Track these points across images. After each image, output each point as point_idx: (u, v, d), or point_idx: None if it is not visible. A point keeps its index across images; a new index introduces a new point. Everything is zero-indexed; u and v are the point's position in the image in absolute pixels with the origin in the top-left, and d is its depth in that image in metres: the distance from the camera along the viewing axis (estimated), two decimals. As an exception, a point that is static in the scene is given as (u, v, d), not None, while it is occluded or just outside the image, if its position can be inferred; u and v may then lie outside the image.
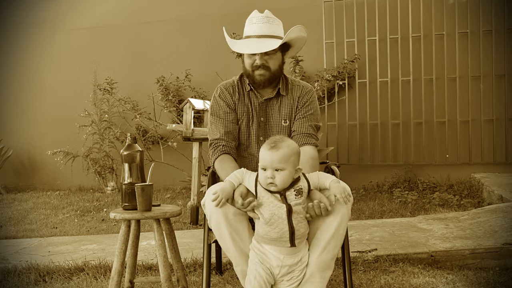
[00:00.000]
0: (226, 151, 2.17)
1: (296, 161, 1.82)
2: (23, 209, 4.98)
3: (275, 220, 1.79)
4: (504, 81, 5.00)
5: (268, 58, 2.19)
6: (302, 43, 2.30)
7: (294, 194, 1.81)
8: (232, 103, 2.27)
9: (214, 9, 5.68)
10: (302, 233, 1.83)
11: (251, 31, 2.20)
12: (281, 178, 1.77)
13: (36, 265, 2.84)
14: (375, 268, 2.65)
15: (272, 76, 2.21)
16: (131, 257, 2.19)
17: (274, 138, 1.83)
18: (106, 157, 5.89)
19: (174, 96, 5.64)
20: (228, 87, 2.30)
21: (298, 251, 1.83)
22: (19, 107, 6.55)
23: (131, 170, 2.10)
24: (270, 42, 2.14)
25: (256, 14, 2.23)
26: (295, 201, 1.80)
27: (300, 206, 1.82)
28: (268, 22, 2.19)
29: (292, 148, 1.81)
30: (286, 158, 1.78)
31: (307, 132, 2.24)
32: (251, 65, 2.20)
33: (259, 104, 2.28)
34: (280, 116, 2.28)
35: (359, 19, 5.28)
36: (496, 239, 2.82)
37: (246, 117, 2.27)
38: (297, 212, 1.80)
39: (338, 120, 5.35)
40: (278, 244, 1.81)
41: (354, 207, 4.25)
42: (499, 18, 4.97)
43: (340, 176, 2.16)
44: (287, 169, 1.78)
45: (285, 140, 1.83)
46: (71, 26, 6.35)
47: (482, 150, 5.05)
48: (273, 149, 1.78)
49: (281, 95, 2.29)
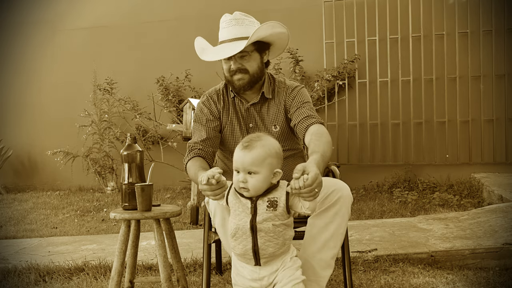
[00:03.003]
0: (200, 155, 2.11)
1: (275, 164, 1.61)
2: (23, 209, 4.98)
3: (240, 235, 1.62)
4: (504, 81, 5.00)
5: (244, 61, 2.08)
6: (283, 39, 2.17)
7: (266, 206, 1.60)
8: (216, 111, 2.22)
9: (214, 9, 5.67)
10: (270, 253, 1.61)
11: (222, 36, 2.12)
12: (254, 182, 1.57)
13: (36, 265, 2.84)
14: (375, 268, 2.65)
15: (251, 78, 2.11)
16: (131, 257, 2.19)
17: (250, 136, 1.65)
18: (106, 157, 5.89)
19: (174, 96, 5.64)
20: (213, 95, 2.25)
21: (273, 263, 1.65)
22: (19, 107, 6.55)
23: (131, 170, 2.10)
24: (239, 45, 2.03)
25: (225, 18, 2.13)
26: (265, 215, 1.59)
27: (270, 223, 1.59)
28: (237, 24, 2.08)
29: (269, 149, 1.60)
30: (260, 160, 1.57)
31: (305, 115, 2.10)
32: (228, 70, 2.11)
33: (245, 110, 2.21)
34: (270, 121, 2.20)
35: (359, 19, 5.27)
36: (496, 239, 2.82)
37: (232, 125, 2.21)
38: (264, 231, 1.59)
39: (338, 120, 5.35)
40: (244, 260, 1.66)
41: (354, 207, 4.25)
42: (499, 18, 4.97)
43: (340, 176, 2.17)
44: (261, 173, 1.57)
45: (263, 139, 1.63)
46: (71, 26, 6.35)
47: (482, 150, 5.05)
48: (245, 149, 1.59)
49: (267, 99, 2.20)
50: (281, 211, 1.60)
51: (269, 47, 2.19)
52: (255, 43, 2.07)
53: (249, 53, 2.08)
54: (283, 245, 1.63)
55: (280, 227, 1.61)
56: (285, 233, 1.63)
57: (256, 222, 1.59)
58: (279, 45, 2.20)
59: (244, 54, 2.07)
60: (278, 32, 2.11)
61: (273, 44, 2.19)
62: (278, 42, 2.18)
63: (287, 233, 1.64)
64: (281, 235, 1.62)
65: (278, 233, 1.61)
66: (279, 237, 1.61)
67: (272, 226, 1.59)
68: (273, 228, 1.59)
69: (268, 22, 2.05)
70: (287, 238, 1.64)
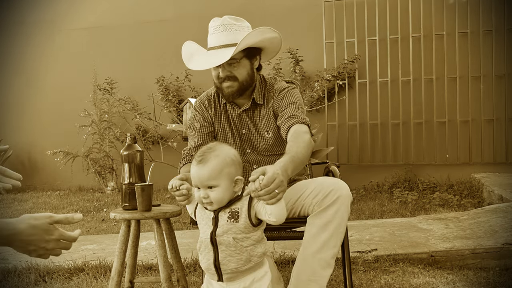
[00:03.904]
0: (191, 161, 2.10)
1: (233, 172, 1.53)
2: (23, 209, 4.97)
3: (203, 249, 1.57)
4: (504, 81, 5.00)
5: (233, 69, 2.01)
6: (275, 43, 2.10)
7: (227, 217, 1.52)
8: (208, 117, 2.18)
9: (214, 9, 5.67)
10: (233, 269, 1.52)
11: (210, 42, 2.04)
12: (215, 196, 1.51)
13: (36, 265, 2.83)
14: (375, 268, 2.65)
15: (241, 86, 2.04)
16: (131, 257, 2.19)
17: (203, 149, 1.58)
18: (106, 157, 5.89)
19: (174, 96, 5.65)
20: (204, 101, 2.21)
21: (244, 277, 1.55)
22: (19, 107, 6.55)
23: (131, 170, 2.10)
24: (227, 52, 1.94)
25: (213, 23, 2.04)
26: (226, 227, 1.51)
27: (230, 236, 1.51)
28: (225, 30, 2.00)
29: (224, 159, 1.53)
30: (217, 172, 1.50)
31: (288, 116, 2.01)
32: (217, 77, 2.04)
33: (237, 116, 2.16)
34: (262, 127, 2.14)
35: (359, 19, 5.27)
36: (496, 239, 2.82)
37: (224, 131, 2.17)
38: (224, 244, 1.51)
39: (338, 120, 5.35)
40: (209, 275, 1.59)
41: (354, 207, 4.25)
42: (499, 18, 4.96)
43: (340, 176, 2.16)
44: (220, 185, 1.50)
45: (216, 149, 1.56)
46: (71, 26, 6.35)
47: (482, 150, 5.05)
48: (200, 164, 1.52)
49: (258, 105, 2.12)
50: (243, 222, 1.52)
51: (260, 52, 2.12)
52: (244, 49, 2.00)
53: (238, 60, 2.01)
54: (248, 261, 1.52)
55: (243, 241, 1.52)
56: (251, 249, 1.53)
57: (215, 235, 1.52)
58: (271, 49, 2.14)
59: (232, 61, 2.00)
60: (269, 37, 2.04)
61: (265, 48, 2.12)
62: (270, 46, 2.11)
63: (255, 249, 1.54)
64: (245, 251, 1.52)
65: (241, 248, 1.51)
66: (242, 252, 1.51)
67: (233, 239, 1.51)
68: (234, 242, 1.51)
69: (257, 28, 1.99)
70: (253, 254, 1.53)
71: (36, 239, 1.23)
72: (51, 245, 1.26)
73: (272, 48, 2.13)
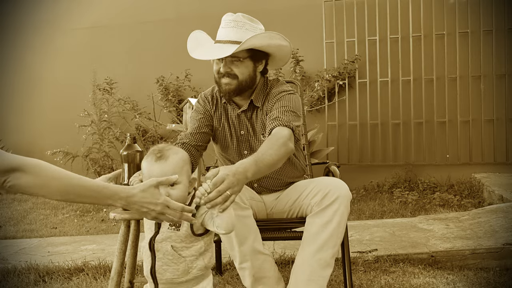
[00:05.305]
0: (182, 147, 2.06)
1: (190, 171, 1.51)
2: (23, 209, 4.97)
3: (144, 255, 1.52)
4: (504, 81, 4.99)
5: (234, 66, 2.00)
6: (285, 52, 2.06)
7: (169, 224, 1.46)
8: (209, 111, 2.20)
9: (214, 9, 5.67)
10: (168, 280, 1.45)
11: (219, 35, 2.04)
12: (178, 194, 1.43)
13: (35, 266, 2.83)
14: (375, 269, 2.64)
15: (239, 85, 2.02)
16: (130, 257, 2.18)
17: (157, 147, 1.53)
18: (106, 157, 5.89)
19: (174, 96, 5.64)
20: (208, 95, 2.23)
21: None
22: (19, 107, 6.54)
23: (130, 170, 2.09)
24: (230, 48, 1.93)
25: (226, 17, 2.05)
26: (166, 234, 1.46)
27: (169, 245, 1.44)
28: (235, 26, 1.98)
29: (182, 155, 1.50)
30: (180, 168, 1.45)
31: (273, 117, 1.96)
32: (218, 72, 2.04)
33: (236, 116, 2.16)
34: (259, 130, 2.13)
35: (359, 19, 5.27)
36: (497, 239, 2.82)
37: (223, 130, 2.17)
38: (162, 252, 1.45)
39: (338, 120, 5.35)
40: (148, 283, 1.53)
41: (354, 207, 4.25)
42: (499, 18, 4.96)
43: (340, 176, 2.16)
44: (183, 183, 1.45)
45: (172, 147, 1.52)
46: (71, 26, 6.34)
47: (482, 150, 5.04)
48: (160, 160, 1.46)
49: (256, 107, 2.12)
50: (184, 231, 1.45)
51: (267, 58, 2.10)
52: (250, 50, 1.99)
53: (241, 59, 2.00)
54: (185, 273, 1.45)
55: (182, 250, 1.45)
56: (190, 261, 1.46)
57: (154, 241, 1.47)
58: (280, 56, 2.11)
59: (235, 59, 1.99)
60: (277, 44, 2.03)
61: (272, 55, 2.10)
62: (278, 54, 2.09)
63: (196, 261, 1.47)
64: (183, 261, 1.45)
65: (179, 259, 1.45)
66: (179, 263, 1.45)
67: (171, 248, 1.45)
68: (171, 251, 1.45)
69: (267, 32, 1.97)
70: (193, 266, 1.46)
71: (146, 202, 1.39)
72: (159, 208, 1.39)
73: (280, 56, 2.10)
